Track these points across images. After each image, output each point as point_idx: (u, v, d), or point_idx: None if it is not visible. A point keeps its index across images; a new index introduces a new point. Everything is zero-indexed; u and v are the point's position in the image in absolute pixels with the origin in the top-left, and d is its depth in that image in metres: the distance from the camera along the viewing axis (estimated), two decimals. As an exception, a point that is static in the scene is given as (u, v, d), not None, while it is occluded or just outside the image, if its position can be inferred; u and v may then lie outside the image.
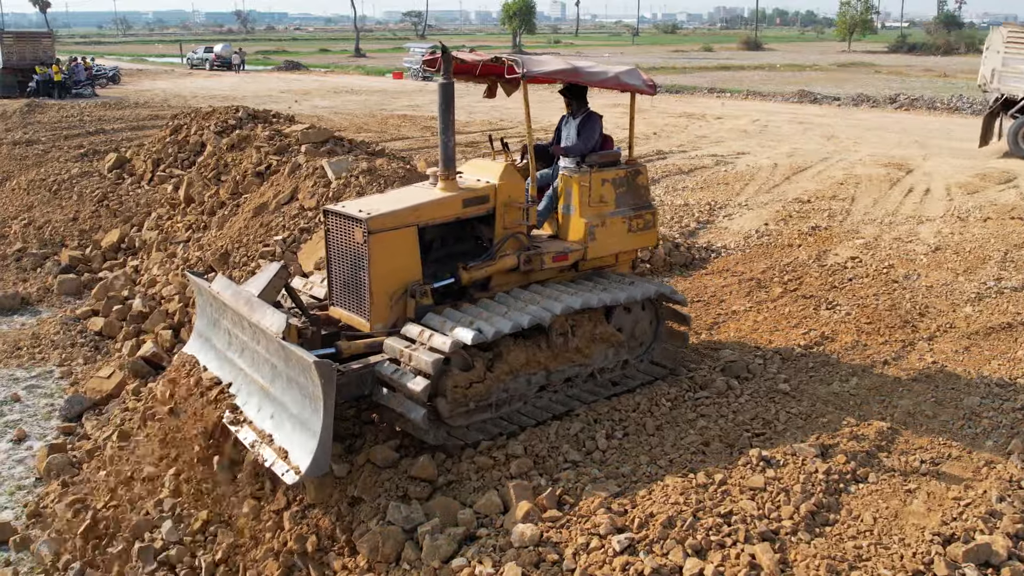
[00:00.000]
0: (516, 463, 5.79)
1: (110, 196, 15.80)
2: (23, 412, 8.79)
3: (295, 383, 5.46)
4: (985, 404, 6.83)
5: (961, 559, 4.80)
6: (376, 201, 6.66)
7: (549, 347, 6.59)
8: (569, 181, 7.11)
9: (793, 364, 7.67)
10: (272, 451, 5.45)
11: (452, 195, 6.61)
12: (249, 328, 5.96)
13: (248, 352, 6.10)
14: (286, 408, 5.58)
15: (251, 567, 5.53)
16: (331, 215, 6.46)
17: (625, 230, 7.38)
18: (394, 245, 6.23)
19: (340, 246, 6.42)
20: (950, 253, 11.45)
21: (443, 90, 6.46)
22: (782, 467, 5.76)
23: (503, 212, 6.80)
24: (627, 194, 7.38)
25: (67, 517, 6.55)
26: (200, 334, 6.93)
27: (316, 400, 5.21)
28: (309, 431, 5.29)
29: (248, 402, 5.97)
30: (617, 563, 4.74)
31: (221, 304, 6.38)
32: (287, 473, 5.23)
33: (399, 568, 5.13)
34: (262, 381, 5.88)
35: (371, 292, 6.20)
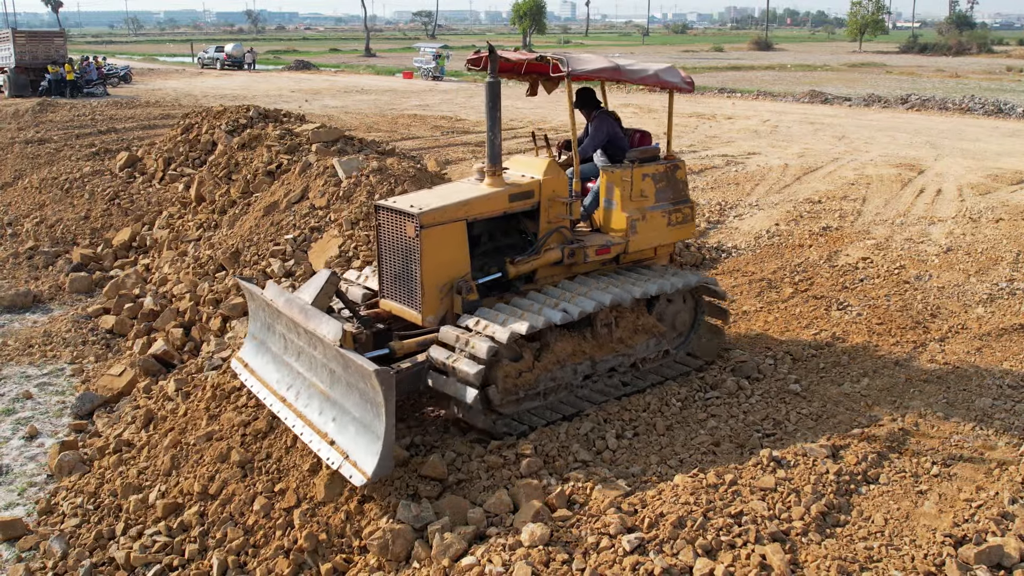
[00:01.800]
0: (526, 462, 5.79)
1: (121, 195, 15.86)
2: (35, 409, 8.83)
3: (355, 388, 5.60)
4: (997, 405, 6.79)
5: (973, 561, 4.78)
6: (426, 196, 6.79)
7: (594, 337, 6.83)
8: (611, 176, 7.31)
9: (804, 365, 7.65)
10: (337, 453, 5.61)
11: (499, 190, 6.77)
12: (305, 334, 6.11)
13: (305, 356, 6.26)
14: (348, 411, 5.72)
15: (261, 565, 5.54)
16: (382, 210, 6.62)
17: (665, 223, 7.59)
18: (444, 239, 6.40)
19: (391, 240, 6.59)
20: (962, 254, 11.40)
21: (490, 88, 6.62)
22: (793, 468, 5.74)
23: (547, 207, 6.99)
24: (666, 188, 7.58)
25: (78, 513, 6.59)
26: (254, 337, 7.16)
27: (377, 405, 5.34)
28: (372, 434, 5.44)
29: (309, 405, 6.13)
30: (627, 563, 4.73)
31: (275, 310, 6.52)
32: (354, 475, 5.37)
33: (409, 567, 5.14)
34: (321, 385, 6.04)
35: (422, 285, 6.37)
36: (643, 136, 8.07)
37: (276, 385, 6.59)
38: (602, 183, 7.39)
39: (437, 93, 39.56)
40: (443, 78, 50.75)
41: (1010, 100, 32.23)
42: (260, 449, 6.37)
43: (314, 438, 5.87)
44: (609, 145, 7.84)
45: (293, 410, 6.25)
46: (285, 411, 6.29)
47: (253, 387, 6.79)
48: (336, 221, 10.28)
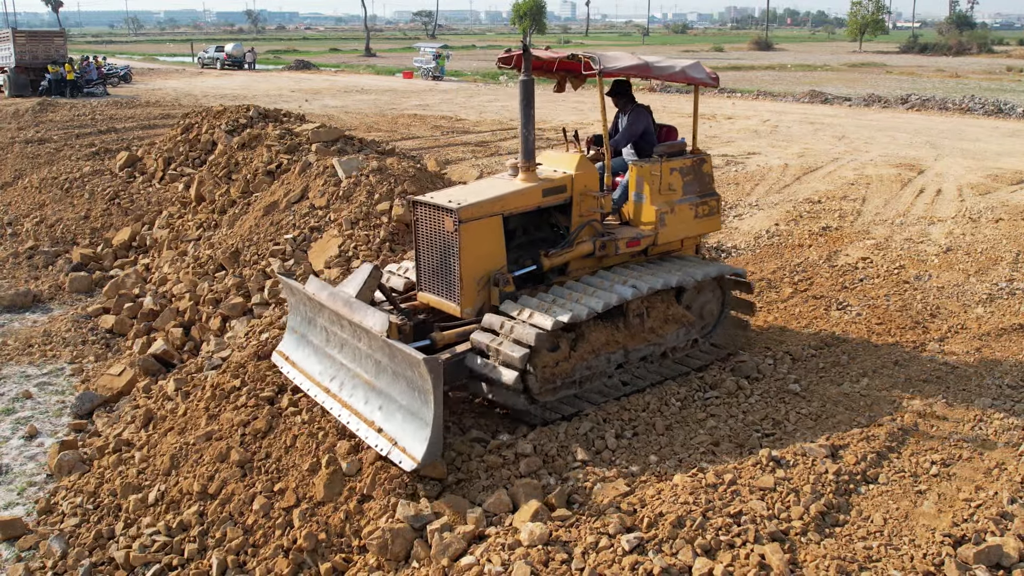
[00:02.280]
0: (525, 462, 5.80)
1: (121, 194, 15.87)
2: (35, 409, 8.83)
3: (402, 377, 5.78)
4: (996, 405, 6.79)
5: (972, 560, 4.78)
6: (462, 191, 7.01)
7: (626, 327, 7.01)
8: (640, 171, 7.48)
9: (803, 364, 7.65)
10: (385, 440, 5.77)
11: (533, 185, 6.97)
12: (350, 327, 6.29)
13: (349, 348, 6.44)
14: (394, 400, 5.89)
15: (260, 564, 5.54)
16: (420, 205, 6.79)
17: (692, 216, 7.79)
18: (482, 233, 6.60)
19: (429, 235, 6.75)
20: (961, 254, 11.40)
21: (524, 86, 6.80)
22: (792, 467, 5.74)
23: (579, 201, 7.20)
24: (693, 182, 7.78)
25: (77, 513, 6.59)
26: (294, 331, 7.33)
27: (426, 393, 5.51)
28: (420, 421, 5.62)
29: (354, 395, 6.31)
30: (626, 562, 4.73)
31: (317, 304, 6.69)
32: (404, 461, 5.53)
33: (408, 566, 5.14)
34: (366, 376, 6.21)
35: (461, 278, 6.56)
36: (669, 131, 8.28)
37: (319, 377, 6.75)
38: (631, 177, 7.55)
39: (437, 93, 39.56)
40: (443, 78, 50.72)
41: (1010, 100, 32.22)
42: (259, 449, 6.38)
43: (361, 426, 6.02)
44: (640, 139, 8.03)
45: (338, 400, 6.41)
46: (330, 401, 6.46)
47: (295, 379, 6.95)
48: (336, 221, 10.28)
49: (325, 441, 6.19)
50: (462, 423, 6.42)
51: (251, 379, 7.28)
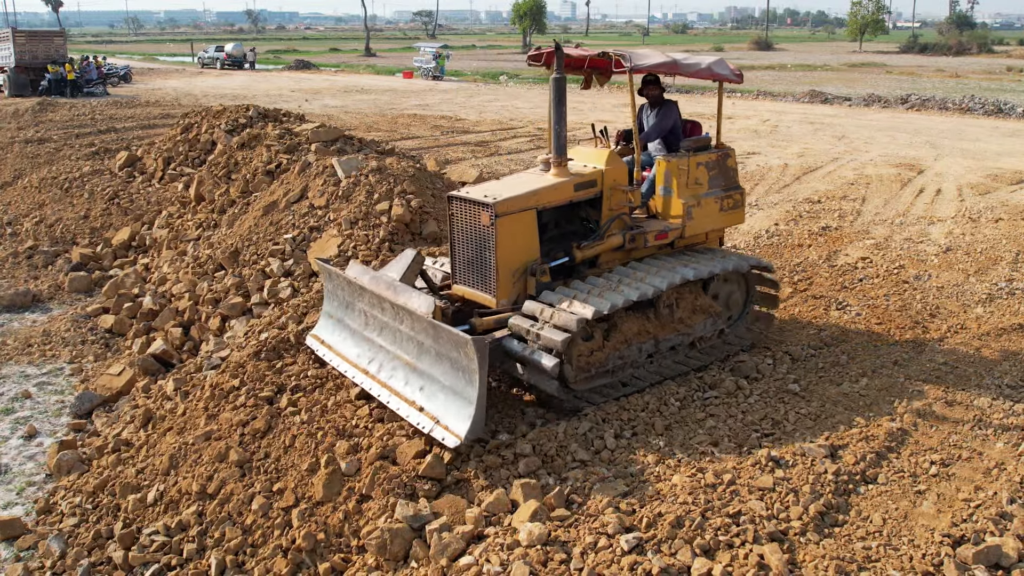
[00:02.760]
0: (524, 462, 5.79)
1: (121, 194, 15.86)
2: (34, 409, 8.83)
3: (445, 357, 6.02)
4: (996, 405, 6.79)
5: (971, 561, 4.78)
6: (497, 187, 7.17)
7: (657, 318, 7.23)
8: (668, 165, 7.67)
9: (803, 364, 7.64)
10: (427, 418, 5.99)
11: (565, 180, 7.14)
12: (392, 309, 6.55)
13: (389, 331, 6.69)
14: (436, 380, 6.13)
15: (259, 564, 5.54)
16: (456, 200, 6.97)
17: (717, 209, 7.98)
18: (517, 227, 6.79)
19: (465, 229, 6.95)
20: (961, 254, 11.39)
21: (556, 84, 6.94)
22: (791, 467, 5.74)
23: (609, 195, 7.37)
24: (718, 176, 7.98)
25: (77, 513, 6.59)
26: (331, 316, 7.58)
27: (471, 372, 5.75)
28: (464, 399, 5.85)
29: (393, 376, 6.54)
30: (625, 562, 4.73)
31: (358, 288, 6.95)
32: (447, 438, 5.75)
33: (407, 566, 5.14)
34: (407, 357, 6.45)
35: (497, 270, 6.76)
36: (694, 126, 8.45)
37: (357, 359, 6.97)
38: (659, 171, 7.72)
39: (437, 93, 39.55)
40: (443, 78, 50.71)
41: (1010, 100, 32.22)
42: (259, 448, 6.37)
43: (402, 406, 6.23)
44: (668, 134, 8.20)
45: (377, 381, 6.61)
46: (369, 382, 6.65)
47: (332, 361, 7.17)
48: (335, 221, 10.27)
49: (324, 441, 6.19)
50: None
51: (250, 379, 7.28)
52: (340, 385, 7.00)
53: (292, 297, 9.24)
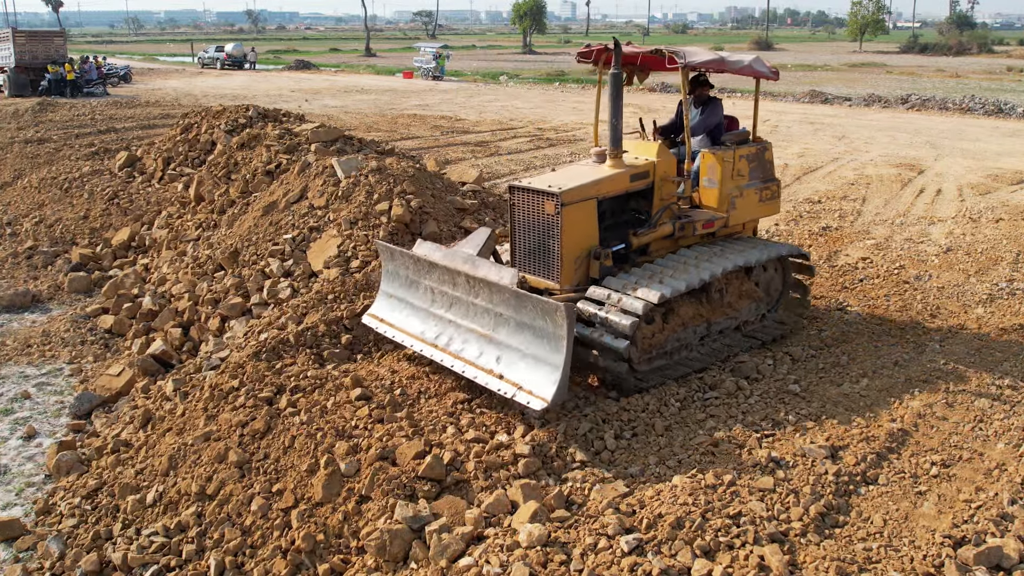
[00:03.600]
0: (524, 463, 5.78)
1: (121, 194, 15.84)
2: (33, 409, 8.82)
3: (527, 327, 6.32)
4: (997, 406, 6.77)
5: (972, 562, 4.77)
6: (558, 177, 7.48)
7: (709, 302, 7.65)
8: (712, 157, 8.02)
9: (803, 365, 7.63)
10: (509, 385, 6.25)
11: (621, 171, 7.50)
12: (466, 284, 6.85)
13: (461, 305, 7.00)
14: (516, 349, 6.41)
15: (259, 565, 5.52)
16: (517, 191, 7.30)
17: (757, 200, 8.42)
18: (580, 215, 7.13)
19: (527, 218, 7.27)
20: (962, 254, 11.38)
21: (613, 79, 7.29)
22: (791, 468, 5.73)
23: (660, 186, 7.76)
24: (757, 168, 8.39)
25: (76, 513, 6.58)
26: (390, 295, 7.87)
27: (557, 339, 6.05)
28: (549, 366, 6.10)
29: (465, 348, 6.81)
30: (625, 564, 4.71)
31: (425, 266, 7.28)
32: (532, 402, 6.03)
33: (406, 567, 5.13)
34: (482, 330, 6.76)
35: (562, 257, 7.09)
36: (732, 121, 8.80)
37: (422, 334, 7.25)
38: (704, 163, 8.07)
39: (437, 93, 39.54)
40: (443, 78, 50.70)
41: (1010, 100, 32.21)
42: (258, 449, 6.36)
43: (479, 375, 6.50)
44: (714, 129, 8.55)
45: (448, 353, 6.89)
46: (439, 355, 6.94)
47: (395, 336, 7.47)
48: (335, 221, 10.26)
49: (323, 442, 6.17)
50: (459, 424, 6.40)
51: (249, 379, 7.27)
52: (340, 386, 6.98)
53: (292, 297, 9.22)
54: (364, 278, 9.01)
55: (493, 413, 6.58)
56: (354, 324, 8.25)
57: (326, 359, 7.78)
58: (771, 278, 8.49)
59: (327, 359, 7.78)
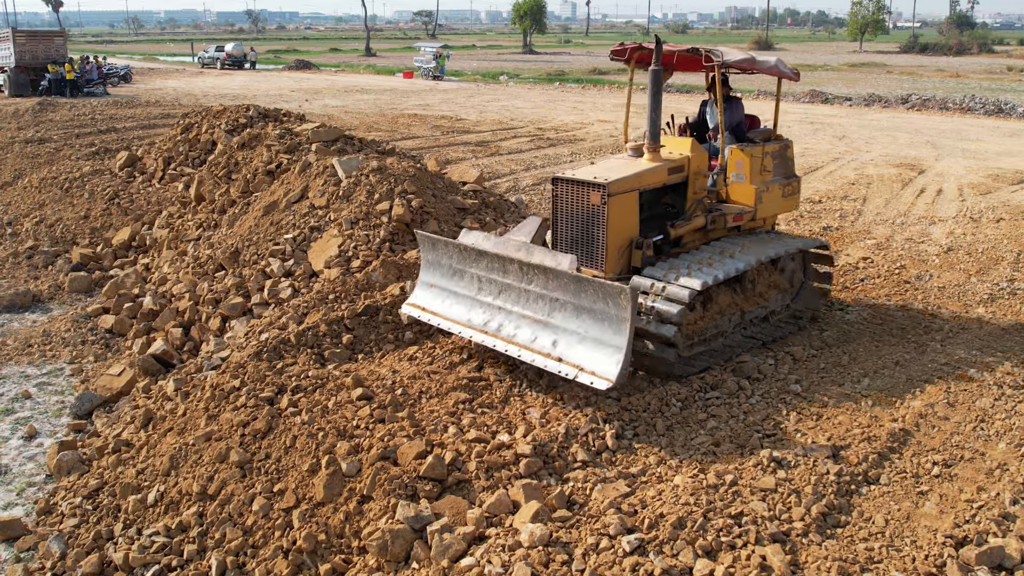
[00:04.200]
0: (525, 463, 5.77)
1: (121, 194, 15.85)
2: (34, 409, 8.82)
3: (587, 311, 6.50)
4: (998, 406, 6.77)
5: (974, 562, 4.76)
6: (601, 169, 7.70)
7: (743, 292, 8.04)
8: (740, 153, 8.36)
9: (804, 365, 7.62)
10: (569, 367, 6.43)
11: (660, 164, 7.80)
12: (519, 271, 7.00)
13: (512, 292, 7.15)
14: (574, 333, 6.59)
15: (260, 565, 5.52)
16: (562, 182, 7.54)
17: (780, 195, 8.78)
18: (624, 206, 7.41)
19: (571, 208, 7.51)
20: (962, 254, 11.38)
21: (653, 76, 7.61)
22: (793, 468, 5.72)
23: (693, 180, 8.06)
24: (781, 164, 8.77)
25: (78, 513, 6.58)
26: (431, 285, 7.98)
27: (620, 321, 6.25)
28: (610, 347, 6.31)
29: (518, 333, 6.97)
30: (627, 563, 4.71)
31: (473, 254, 7.42)
32: (596, 382, 6.22)
33: (408, 567, 5.12)
34: (536, 315, 6.92)
35: (607, 246, 7.36)
36: (753, 119, 9.11)
37: (469, 321, 7.40)
38: (732, 159, 8.38)
39: (437, 93, 39.53)
40: (443, 78, 50.69)
41: (1011, 100, 32.20)
42: (259, 449, 6.35)
43: (536, 358, 6.67)
44: (736, 126, 8.78)
45: (500, 339, 7.04)
46: (491, 340, 7.08)
47: (440, 324, 7.60)
48: (336, 221, 10.25)
49: (325, 442, 6.17)
50: (461, 423, 6.39)
51: (250, 379, 7.26)
52: (341, 386, 6.98)
53: (293, 297, 9.22)
54: (365, 278, 9.01)
55: (494, 413, 6.58)
56: (355, 324, 8.25)
57: (327, 359, 7.78)
58: (794, 269, 8.81)
59: (328, 359, 7.78)
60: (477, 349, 7.68)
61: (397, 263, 9.27)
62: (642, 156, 7.92)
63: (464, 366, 7.40)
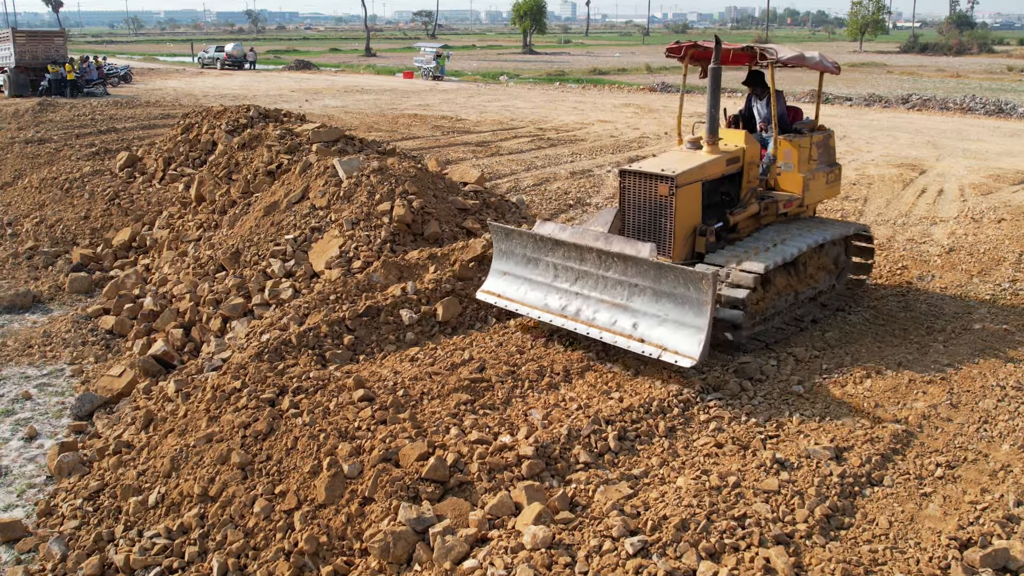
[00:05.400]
0: (527, 464, 5.75)
1: (121, 194, 15.81)
2: (34, 410, 8.79)
3: (666, 295, 6.95)
4: (1001, 407, 6.76)
5: (979, 564, 4.75)
6: (665, 162, 8.24)
7: (796, 274, 8.56)
8: (789, 144, 8.88)
9: (807, 366, 7.60)
10: (652, 347, 6.91)
11: (719, 156, 8.38)
12: (596, 258, 7.43)
13: (589, 279, 7.58)
14: (654, 316, 7.04)
15: (261, 567, 5.50)
16: (630, 175, 8.10)
17: (824, 182, 9.34)
18: (689, 196, 7.98)
19: (639, 199, 8.06)
20: (964, 254, 11.36)
21: (713, 73, 8.23)
22: (796, 470, 5.71)
23: (748, 169, 8.65)
24: (824, 153, 9.32)
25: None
26: (505, 272, 8.40)
27: (701, 304, 6.71)
28: (691, 328, 6.78)
29: (596, 317, 7.42)
30: (630, 566, 4.70)
31: (549, 244, 7.83)
32: (680, 360, 6.71)
33: (410, 569, 5.10)
34: (614, 300, 7.36)
35: (674, 234, 7.91)
36: (796, 112, 9.58)
37: (545, 306, 7.85)
38: (781, 149, 8.89)
39: (437, 93, 39.50)
40: (443, 78, 50.66)
41: (1011, 100, 32.18)
42: (260, 451, 6.33)
43: (618, 339, 7.14)
44: (781, 118, 9.15)
45: (580, 322, 7.49)
46: (571, 323, 7.54)
47: (518, 309, 8.06)
48: (337, 221, 10.23)
49: (326, 443, 6.15)
50: (462, 425, 6.37)
51: (252, 380, 7.24)
52: (342, 387, 6.96)
53: (294, 298, 9.20)
54: (366, 278, 8.99)
55: (496, 414, 6.56)
56: (356, 325, 8.23)
57: (328, 360, 7.75)
58: (838, 253, 9.29)
59: (329, 360, 7.76)
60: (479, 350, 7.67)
61: (398, 264, 9.25)
62: (700, 149, 8.45)
63: (465, 367, 7.38)
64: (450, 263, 9.24)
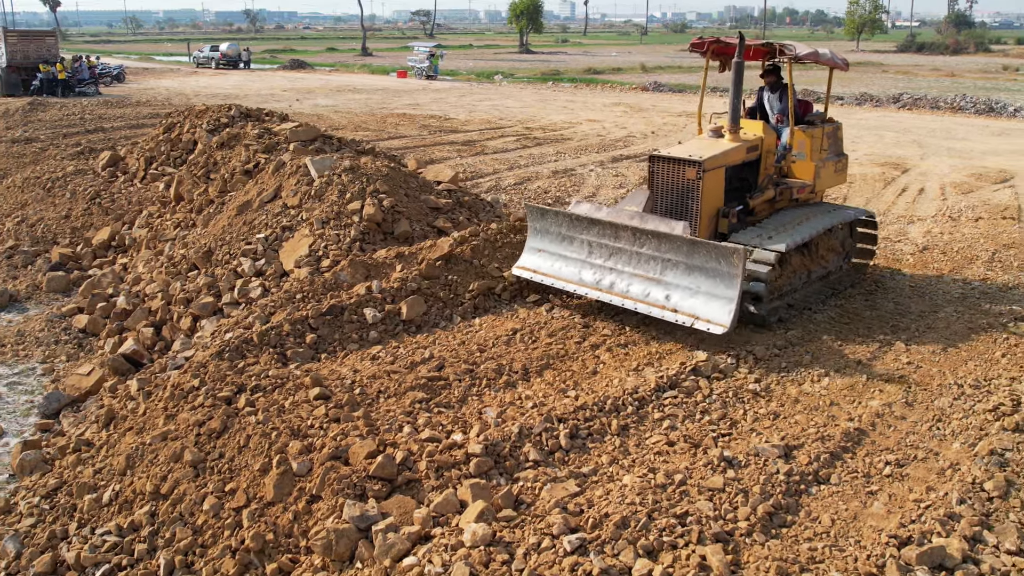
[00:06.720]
0: (476, 462, 5.76)
1: (103, 194, 15.80)
2: (2, 409, 8.79)
3: (699, 269, 7.61)
4: (956, 405, 6.76)
5: (915, 562, 4.76)
6: (691, 148, 8.85)
7: (809, 255, 9.25)
8: (802, 134, 9.48)
9: (766, 364, 7.60)
10: (685, 316, 7.59)
11: (741, 144, 9.02)
12: (631, 236, 8.04)
13: (623, 255, 8.20)
14: (686, 288, 7.69)
15: (208, 565, 5.51)
16: (659, 160, 8.70)
17: (833, 171, 9.97)
18: (715, 180, 8.63)
19: (667, 182, 8.68)
20: (937, 253, 11.37)
21: (736, 67, 9.04)
22: (743, 468, 5.72)
23: (765, 157, 9.32)
24: (834, 144, 9.94)
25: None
26: (539, 250, 8.96)
27: (731, 277, 7.37)
28: (722, 299, 7.44)
29: (630, 290, 8.06)
30: (567, 563, 4.71)
31: (584, 223, 8.42)
32: (712, 327, 7.40)
33: (352, 567, 5.11)
34: (648, 274, 7.99)
35: (700, 215, 8.54)
36: (807, 105, 9.99)
37: (580, 281, 8.45)
38: (795, 139, 9.47)
39: (429, 92, 39.49)
40: (437, 77, 50.65)
41: (1003, 99, 32.19)
42: (213, 449, 6.34)
43: (652, 309, 7.81)
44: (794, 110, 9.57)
45: (614, 294, 8.13)
46: (606, 296, 8.18)
47: (553, 283, 8.66)
48: (307, 220, 10.24)
49: (277, 441, 6.15)
50: (416, 423, 6.38)
51: (210, 379, 7.25)
52: (299, 385, 6.97)
53: (263, 297, 9.21)
54: (333, 277, 9.00)
55: (451, 412, 6.57)
56: (319, 323, 8.24)
57: (289, 358, 7.76)
58: (845, 236, 9.96)
59: (291, 358, 7.76)
60: (438, 349, 7.68)
61: (366, 263, 9.26)
62: (723, 137, 9.08)
63: (424, 365, 7.39)
64: (417, 262, 9.25)
